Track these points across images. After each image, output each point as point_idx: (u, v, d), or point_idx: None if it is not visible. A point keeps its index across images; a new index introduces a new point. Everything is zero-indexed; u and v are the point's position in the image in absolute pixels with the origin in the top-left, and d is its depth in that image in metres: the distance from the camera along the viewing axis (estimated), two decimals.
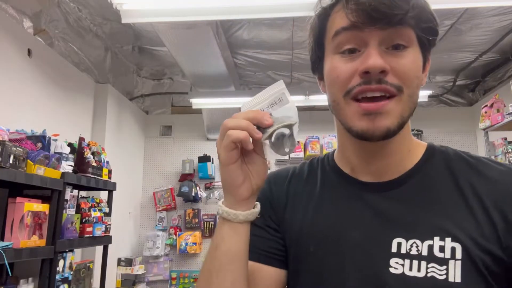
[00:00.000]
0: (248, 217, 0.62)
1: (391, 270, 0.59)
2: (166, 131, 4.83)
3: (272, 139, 0.60)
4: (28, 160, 1.95)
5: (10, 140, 1.92)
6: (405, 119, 0.61)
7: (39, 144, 2.17)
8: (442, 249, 0.58)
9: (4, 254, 1.70)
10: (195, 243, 4.33)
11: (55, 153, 2.27)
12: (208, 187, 4.62)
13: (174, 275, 4.33)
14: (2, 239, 1.86)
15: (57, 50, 3.10)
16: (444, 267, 0.57)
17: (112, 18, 3.30)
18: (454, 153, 0.68)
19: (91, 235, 2.54)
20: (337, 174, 0.72)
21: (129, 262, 3.94)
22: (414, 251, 0.59)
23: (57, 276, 2.18)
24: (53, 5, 3.00)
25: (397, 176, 0.66)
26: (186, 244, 4.33)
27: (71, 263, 2.37)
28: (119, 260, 3.91)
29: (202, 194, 4.54)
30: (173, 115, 4.84)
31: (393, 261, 0.60)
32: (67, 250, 2.32)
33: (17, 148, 1.86)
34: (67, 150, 2.40)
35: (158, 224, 4.48)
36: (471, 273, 0.57)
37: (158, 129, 4.82)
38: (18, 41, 2.60)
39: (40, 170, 2.01)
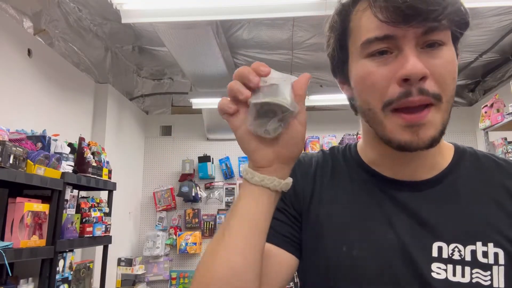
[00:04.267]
0: (264, 181, 0.55)
1: (434, 275, 0.58)
2: (166, 131, 4.83)
3: (258, 109, 0.54)
4: (28, 160, 1.95)
5: (10, 140, 1.92)
6: (446, 125, 0.60)
7: (39, 144, 2.17)
8: (485, 254, 0.57)
9: (4, 254, 1.70)
10: (195, 243, 4.33)
11: (55, 153, 2.27)
12: (208, 187, 4.62)
13: (174, 275, 4.33)
14: (2, 239, 1.86)
15: (57, 50, 3.10)
16: (488, 272, 0.57)
17: (112, 18, 3.30)
18: (482, 155, 0.67)
19: (91, 235, 2.54)
20: (365, 170, 0.68)
21: (129, 262, 3.94)
22: (456, 256, 0.58)
23: (57, 276, 2.18)
24: (53, 5, 3.00)
25: (431, 176, 0.64)
26: (186, 244, 4.33)
27: (71, 263, 2.37)
28: (119, 260, 3.91)
29: (202, 194, 4.54)
30: (173, 115, 4.84)
31: (435, 266, 0.58)
32: (67, 250, 2.32)
33: (17, 148, 1.86)
34: (67, 150, 2.40)
35: (158, 224, 4.49)
36: None
37: (158, 129, 4.82)
38: (18, 41, 2.60)
39: (40, 170, 2.01)
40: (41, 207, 2.03)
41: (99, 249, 3.09)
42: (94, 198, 2.78)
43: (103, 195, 3.03)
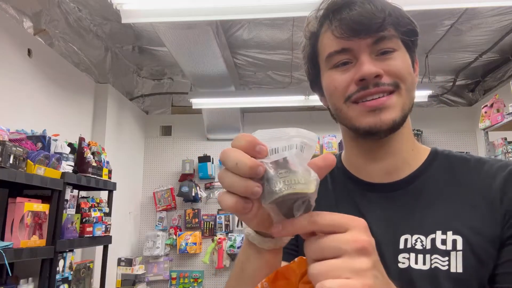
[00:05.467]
0: (277, 243, 0.53)
1: (399, 265, 0.63)
2: (166, 131, 4.83)
3: (278, 205, 0.43)
4: (28, 160, 1.95)
5: (10, 140, 1.92)
6: (407, 112, 0.65)
7: (39, 144, 2.17)
8: (444, 242, 0.62)
9: (4, 254, 1.70)
10: (195, 243, 4.33)
11: (55, 153, 2.27)
12: (208, 187, 4.62)
13: (174, 275, 4.33)
14: (2, 239, 1.86)
15: (57, 50, 3.10)
16: (446, 258, 0.61)
17: (112, 18, 3.30)
18: (455, 156, 0.72)
19: (91, 235, 2.54)
20: (344, 175, 0.74)
21: (129, 262, 3.94)
22: (419, 246, 0.63)
23: (57, 276, 2.18)
24: (53, 5, 3.00)
25: (403, 177, 0.69)
26: (186, 244, 4.33)
27: (71, 263, 2.37)
28: (119, 260, 3.91)
29: (202, 194, 4.54)
30: (173, 115, 4.84)
31: (401, 257, 0.63)
32: (67, 250, 2.32)
33: (17, 148, 1.86)
34: (67, 150, 2.40)
35: (158, 224, 4.49)
36: (472, 263, 0.60)
37: (158, 129, 4.82)
38: (18, 41, 2.60)
39: (40, 170, 2.01)
40: (41, 207, 2.03)
41: (99, 249, 3.09)
42: (94, 198, 2.78)
43: (103, 195, 3.03)
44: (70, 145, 2.47)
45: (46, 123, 2.73)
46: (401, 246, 0.64)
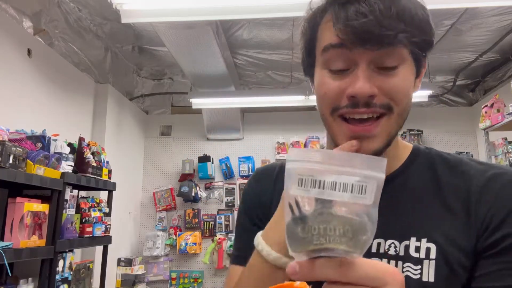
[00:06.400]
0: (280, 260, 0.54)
1: None
2: (166, 131, 4.83)
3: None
4: (28, 160, 1.95)
5: (10, 140, 1.92)
6: (393, 136, 0.61)
7: (39, 144, 2.17)
8: (417, 249, 0.60)
9: (4, 254, 1.70)
10: (195, 243, 4.33)
11: (55, 153, 2.27)
12: (208, 187, 4.61)
13: (174, 275, 4.33)
14: (2, 239, 1.86)
15: (57, 50, 3.10)
16: (419, 266, 0.59)
17: (112, 18, 3.29)
18: (436, 154, 0.69)
19: (91, 235, 2.54)
20: None
21: (129, 262, 3.94)
22: (392, 251, 0.61)
23: (57, 276, 2.18)
24: (53, 5, 3.00)
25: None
26: (186, 244, 4.33)
27: (71, 263, 2.37)
28: (119, 260, 3.91)
29: (202, 194, 4.54)
30: (173, 115, 4.84)
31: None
32: (67, 250, 2.32)
33: (17, 148, 1.86)
34: (67, 150, 2.40)
35: (158, 224, 4.48)
36: (444, 272, 0.58)
37: (158, 129, 4.82)
38: (18, 41, 2.60)
39: (40, 170, 2.01)
40: (41, 207, 2.03)
41: (99, 249, 3.09)
42: (94, 198, 2.77)
43: (103, 195, 3.03)
44: (70, 145, 2.47)
45: (46, 123, 2.73)
46: (373, 250, 0.61)
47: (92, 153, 2.64)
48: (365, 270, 0.36)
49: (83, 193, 2.89)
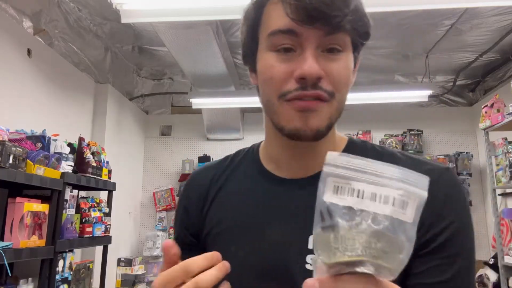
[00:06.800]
0: None
1: (307, 266, 0.60)
2: (166, 131, 4.83)
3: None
4: (28, 160, 1.95)
5: (10, 140, 1.92)
6: (333, 121, 0.63)
7: (39, 144, 2.17)
8: None
9: (4, 254, 1.70)
10: None
11: (55, 153, 2.27)
12: None
13: None
14: (2, 239, 1.86)
15: (57, 50, 3.10)
16: None
17: (112, 18, 3.29)
18: (370, 147, 0.70)
19: (91, 235, 2.54)
20: (259, 171, 0.71)
21: (129, 262, 3.94)
22: None
23: (57, 276, 2.18)
24: (53, 5, 3.00)
25: (317, 171, 0.65)
26: None
27: (71, 263, 2.37)
28: (119, 260, 3.91)
29: None
30: (173, 115, 4.84)
31: (308, 258, 0.61)
32: (67, 250, 2.32)
33: (17, 148, 1.86)
34: (67, 150, 2.40)
35: (158, 224, 4.48)
36: None
37: (158, 129, 4.82)
38: (18, 41, 2.60)
39: (40, 170, 2.01)
40: (41, 207, 2.03)
41: (99, 249, 3.09)
42: (94, 198, 2.77)
43: (103, 195, 3.03)
44: (69, 145, 2.47)
45: (45, 123, 2.73)
46: (310, 246, 0.61)
47: (92, 153, 2.64)
48: None
49: (83, 193, 2.89)
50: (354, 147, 0.70)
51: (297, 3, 0.55)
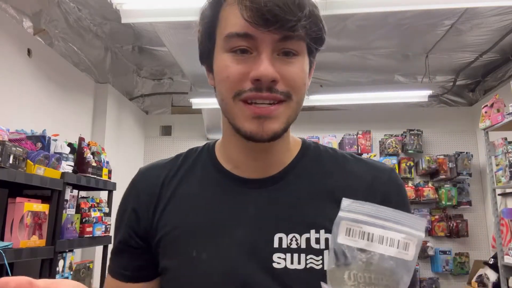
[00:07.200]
0: None
1: (274, 265, 0.61)
2: (166, 131, 4.83)
3: None
4: (28, 160, 1.95)
5: (10, 140, 1.92)
6: (290, 122, 0.64)
7: (39, 144, 2.17)
8: (317, 240, 0.62)
9: (4, 254, 1.70)
10: None
11: (55, 153, 2.27)
12: None
13: None
14: (2, 239, 1.86)
15: (57, 50, 3.10)
16: (320, 257, 0.61)
17: (112, 18, 3.29)
18: (324, 150, 0.73)
19: (91, 235, 2.54)
20: (218, 171, 0.70)
21: None
22: (294, 245, 0.62)
23: (57, 276, 2.18)
24: (53, 5, 3.00)
25: (277, 172, 0.68)
26: None
27: (71, 263, 2.37)
28: None
29: None
30: (173, 115, 4.84)
31: (275, 256, 0.61)
32: (67, 250, 2.32)
33: (17, 148, 1.86)
34: (67, 150, 2.40)
35: None
36: None
37: (158, 129, 4.82)
38: (18, 41, 2.60)
39: (40, 170, 2.01)
40: (41, 207, 2.03)
41: (99, 249, 3.09)
42: (94, 198, 2.77)
43: (103, 195, 3.03)
44: (70, 145, 2.47)
45: (46, 123, 2.73)
46: (276, 245, 0.62)
47: (92, 153, 2.64)
48: None
49: (83, 193, 2.90)
50: (308, 150, 0.72)
51: (252, 6, 0.56)
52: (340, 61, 4.08)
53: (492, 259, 3.40)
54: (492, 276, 3.34)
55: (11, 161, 1.80)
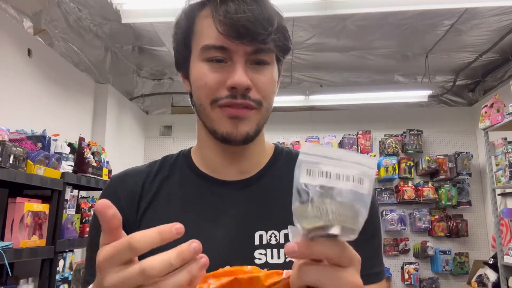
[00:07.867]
0: None
1: (256, 261, 0.64)
2: (166, 131, 4.83)
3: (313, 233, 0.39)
4: (28, 160, 1.95)
5: (10, 140, 1.92)
6: (261, 127, 0.70)
7: (39, 144, 2.17)
8: None
9: (4, 254, 1.70)
10: None
11: (55, 153, 2.27)
12: None
13: None
14: (2, 239, 1.86)
15: (57, 50, 3.10)
16: None
17: (112, 18, 3.30)
18: (295, 153, 0.77)
19: None
20: (197, 174, 0.74)
21: None
22: (273, 241, 0.66)
23: (57, 276, 2.18)
24: (53, 5, 3.00)
25: (254, 173, 0.73)
26: None
27: (71, 263, 2.37)
28: None
29: None
30: (173, 115, 4.84)
31: (257, 253, 0.65)
32: (67, 250, 2.32)
33: (17, 148, 1.86)
34: (67, 150, 2.40)
35: None
36: None
37: (158, 129, 4.82)
38: (18, 41, 2.60)
39: (40, 170, 2.01)
40: (41, 207, 2.03)
41: None
42: (94, 198, 2.78)
43: None
44: (70, 145, 2.47)
45: (46, 123, 2.73)
46: (257, 242, 0.66)
47: (92, 153, 2.65)
48: (351, 251, 0.41)
49: (83, 193, 2.90)
50: (281, 153, 0.78)
51: (226, 20, 0.61)
52: (340, 61, 4.09)
53: (492, 259, 3.41)
54: (492, 276, 3.34)
55: (11, 161, 1.80)
